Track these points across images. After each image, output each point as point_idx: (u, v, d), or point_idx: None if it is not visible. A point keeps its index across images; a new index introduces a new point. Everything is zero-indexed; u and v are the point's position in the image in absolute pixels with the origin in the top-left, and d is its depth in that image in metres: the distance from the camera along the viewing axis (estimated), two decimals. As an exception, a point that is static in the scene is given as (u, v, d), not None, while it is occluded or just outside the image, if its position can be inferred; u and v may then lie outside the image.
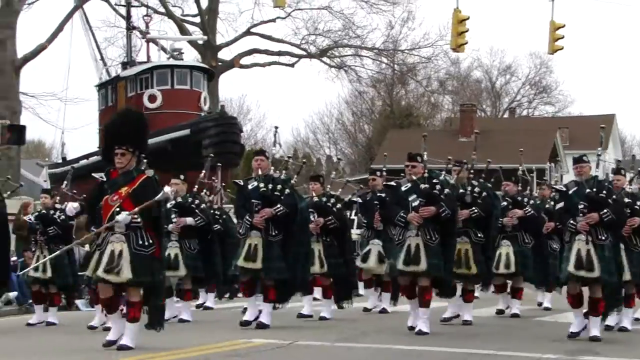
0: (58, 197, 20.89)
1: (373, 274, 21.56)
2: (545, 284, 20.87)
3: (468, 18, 31.41)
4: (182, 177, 20.42)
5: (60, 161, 56.71)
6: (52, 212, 20.09)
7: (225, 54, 61.49)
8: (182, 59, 57.08)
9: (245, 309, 18.10)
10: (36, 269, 19.11)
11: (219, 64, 60.17)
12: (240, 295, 23.00)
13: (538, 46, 79.15)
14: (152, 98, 53.69)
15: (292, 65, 63.12)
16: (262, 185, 17.46)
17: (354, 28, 62.46)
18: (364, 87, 72.61)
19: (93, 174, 18.89)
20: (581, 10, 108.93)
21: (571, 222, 15.13)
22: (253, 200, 17.41)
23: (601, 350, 15.25)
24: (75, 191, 22.12)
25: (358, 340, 16.04)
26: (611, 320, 16.67)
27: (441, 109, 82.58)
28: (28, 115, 50.35)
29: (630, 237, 16.81)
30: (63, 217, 19.84)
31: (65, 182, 23.58)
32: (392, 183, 18.11)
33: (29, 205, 21.67)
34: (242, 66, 62.83)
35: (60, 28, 54.40)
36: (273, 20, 60.08)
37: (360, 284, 22.93)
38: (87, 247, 19.98)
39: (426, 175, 16.52)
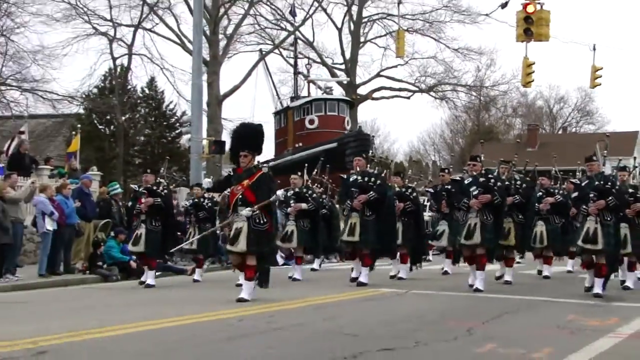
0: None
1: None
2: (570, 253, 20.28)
3: (534, 63, 31.05)
4: (299, 173, 20.54)
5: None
6: (202, 200, 20.00)
7: (362, 90, 61.44)
8: (332, 94, 57.13)
9: (352, 269, 17.98)
10: (190, 243, 18.93)
11: (358, 97, 60.08)
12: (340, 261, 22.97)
13: (583, 82, 77.54)
14: (311, 121, 53.89)
15: (408, 97, 62.84)
16: (359, 178, 17.32)
17: (452, 71, 61.98)
18: (459, 112, 72.14)
19: (224, 170, 18.98)
20: (617, 54, 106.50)
21: (584, 207, 14.93)
22: (352, 189, 17.30)
23: (627, 298, 15.08)
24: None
25: (454, 290, 16.08)
26: (630, 282, 16.70)
27: (513, 128, 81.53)
28: (226, 133, 50.88)
29: (633, 218, 16.56)
30: (210, 204, 19.91)
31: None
32: (457, 177, 18.43)
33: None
34: (373, 98, 62.67)
35: (249, 73, 54.86)
36: (395, 66, 59.89)
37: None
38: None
39: (483, 171, 16.47)
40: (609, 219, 14.74)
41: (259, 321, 11.50)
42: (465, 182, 16.49)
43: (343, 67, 61.30)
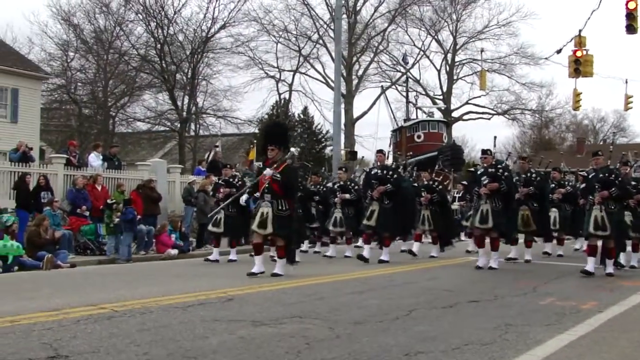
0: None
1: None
2: (579, 235, 17.77)
3: (581, 92, 30.13)
4: (344, 169, 18.36)
5: (366, 168, 57.00)
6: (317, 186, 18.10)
7: (455, 114, 60.61)
8: (433, 117, 56.55)
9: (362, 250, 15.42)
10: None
11: (452, 119, 59.42)
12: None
13: (619, 106, 74.84)
14: (418, 137, 53.27)
15: (489, 119, 61.57)
16: (379, 171, 15.17)
17: (521, 99, 60.75)
18: (526, 129, 70.45)
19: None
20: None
21: (590, 197, 12.67)
22: (373, 181, 15.13)
23: (634, 275, 14.04)
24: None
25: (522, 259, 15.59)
26: (635, 262, 14.39)
27: (566, 140, 79.22)
28: (358, 145, 51.08)
29: (635, 207, 14.17)
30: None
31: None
32: (472, 169, 16.75)
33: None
34: (463, 120, 61.88)
35: (374, 103, 54.73)
36: (479, 97, 58.79)
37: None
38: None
39: (493, 162, 14.06)
40: (613, 207, 12.53)
41: (381, 280, 11.50)
42: (478, 172, 14.37)
43: (441, 97, 60.76)
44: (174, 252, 17.71)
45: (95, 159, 21.68)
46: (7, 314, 7.10)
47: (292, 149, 12.14)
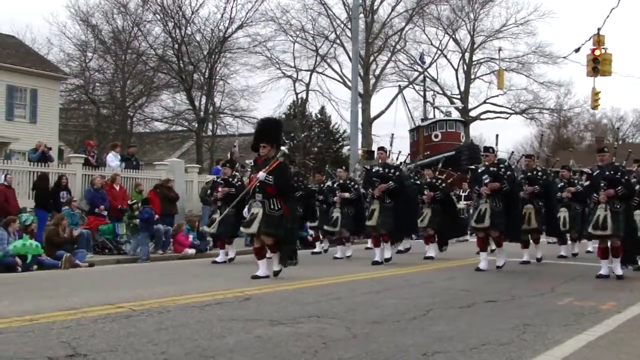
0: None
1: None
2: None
3: (600, 92, 29.93)
4: (343, 167, 17.94)
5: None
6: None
7: (472, 113, 60.45)
8: (450, 116, 56.39)
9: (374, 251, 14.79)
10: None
11: (469, 118, 59.23)
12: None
13: (638, 104, 74.45)
14: (436, 136, 53.11)
15: (507, 118, 61.35)
16: (380, 169, 14.50)
17: (539, 98, 60.61)
18: (544, 128, 69.99)
19: (244, 163, 17.18)
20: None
21: (594, 195, 11.98)
22: (374, 179, 14.47)
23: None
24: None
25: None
26: None
27: (584, 139, 78.72)
28: (375, 145, 50.88)
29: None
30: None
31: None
32: (472, 167, 16.28)
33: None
34: (481, 119, 61.62)
35: (391, 102, 54.90)
36: (497, 96, 58.62)
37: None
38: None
39: (495, 161, 13.43)
40: (618, 206, 11.82)
41: (397, 280, 11.47)
42: (479, 170, 13.75)
43: (459, 96, 60.64)
44: (192, 251, 17.77)
45: (113, 159, 21.81)
46: (26, 312, 7.16)
47: (283, 148, 11.84)
